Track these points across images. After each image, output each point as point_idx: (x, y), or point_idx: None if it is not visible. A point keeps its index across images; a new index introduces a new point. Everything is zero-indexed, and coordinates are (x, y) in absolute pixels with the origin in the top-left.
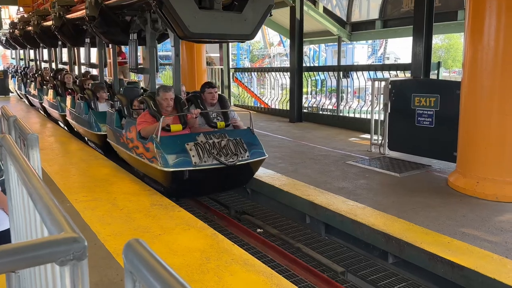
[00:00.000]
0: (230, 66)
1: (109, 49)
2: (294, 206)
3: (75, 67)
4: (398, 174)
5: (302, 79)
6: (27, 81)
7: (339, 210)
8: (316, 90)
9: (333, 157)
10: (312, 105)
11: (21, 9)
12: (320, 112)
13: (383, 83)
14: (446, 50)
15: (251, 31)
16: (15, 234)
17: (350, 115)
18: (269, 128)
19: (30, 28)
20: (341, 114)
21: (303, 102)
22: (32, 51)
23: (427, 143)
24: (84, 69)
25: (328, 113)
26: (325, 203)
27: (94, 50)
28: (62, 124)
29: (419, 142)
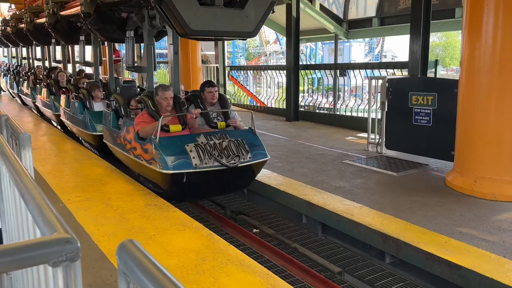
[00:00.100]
0: (226, 64)
1: (104, 46)
2: (291, 205)
3: (69, 66)
4: (396, 173)
5: (299, 78)
6: (20, 79)
7: (336, 210)
8: (312, 88)
9: (330, 156)
10: (308, 103)
11: (12, 6)
12: (316, 110)
13: (380, 82)
14: (443, 48)
15: (253, 28)
16: (7, 235)
17: (347, 114)
18: (265, 127)
19: (22, 25)
20: (338, 113)
21: (300, 101)
22: (24, 49)
23: (425, 142)
24: (77, 67)
25: (324, 111)
26: (321, 203)
27: (88, 48)
28: (55, 123)
29: (417, 141)
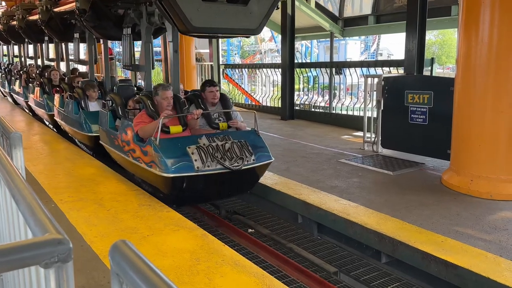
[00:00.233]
0: (220, 62)
1: (99, 44)
2: (286, 205)
3: (62, 64)
4: (391, 172)
5: (294, 76)
6: (12, 78)
7: (332, 209)
8: (308, 87)
9: (325, 155)
10: (304, 102)
11: (3, 3)
12: (312, 109)
13: (376, 80)
14: (439, 46)
15: (257, 25)
16: None
17: (343, 113)
18: (260, 126)
19: (14, 22)
20: (333, 112)
21: (295, 99)
22: (16, 47)
23: (421, 141)
24: (71, 65)
25: (320, 110)
26: (317, 202)
27: (81, 46)
28: (48, 123)
29: (413, 140)
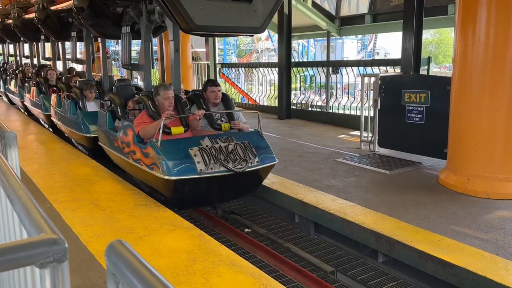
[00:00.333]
0: (217, 62)
1: (96, 43)
2: (283, 205)
3: (59, 63)
4: (388, 172)
5: (291, 75)
6: (7, 77)
7: (329, 209)
8: (305, 86)
9: (322, 154)
10: (301, 101)
11: None
12: (309, 108)
13: (373, 79)
14: (436, 45)
15: (261, 24)
16: None
17: (340, 112)
18: (257, 125)
19: (9, 21)
20: (330, 111)
21: (292, 99)
22: (11, 46)
23: (417, 140)
24: (67, 65)
25: (317, 109)
26: (314, 202)
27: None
28: (44, 123)
29: (409, 139)
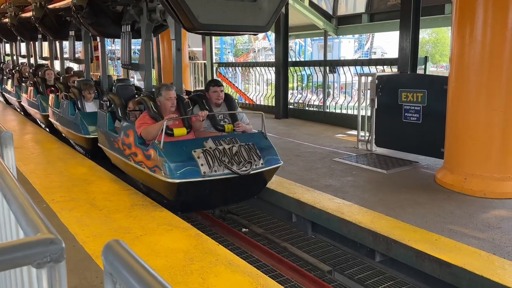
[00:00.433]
0: (214, 61)
1: (94, 42)
2: (280, 204)
3: (56, 63)
4: (385, 171)
5: (288, 74)
6: (4, 77)
7: (326, 208)
8: (302, 85)
9: (319, 154)
10: (298, 101)
11: None
12: (306, 108)
13: (370, 78)
14: (433, 44)
15: (266, 22)
16: None
17: (337, 111)
18: (254, 124)
19: (6, 20)
20: (327, 110)
21: (289, 98)
22: (8, 45)
23: (414, 139)
24: (65, 64)
25: (314, 109)
26: (311, 201)
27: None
28: (41, 123)
29: (406, 138)
